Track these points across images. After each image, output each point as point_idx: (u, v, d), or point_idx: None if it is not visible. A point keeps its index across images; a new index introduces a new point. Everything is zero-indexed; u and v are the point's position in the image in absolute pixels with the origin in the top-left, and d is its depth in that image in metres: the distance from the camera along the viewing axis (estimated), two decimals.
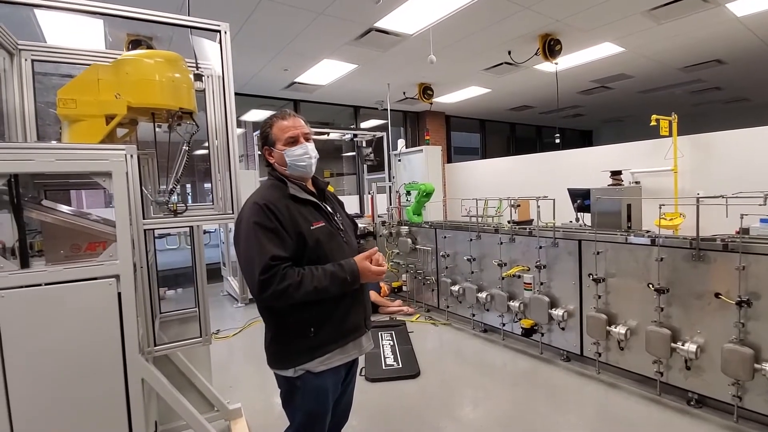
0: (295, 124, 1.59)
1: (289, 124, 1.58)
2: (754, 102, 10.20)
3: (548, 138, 11.93)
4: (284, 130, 1.58)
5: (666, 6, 4.52)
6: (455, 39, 5.25)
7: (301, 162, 1.57)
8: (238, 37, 4.72)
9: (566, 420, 2.64)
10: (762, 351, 2.31)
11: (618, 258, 3.01)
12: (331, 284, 1.43)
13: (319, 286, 1.40)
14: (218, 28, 2.03)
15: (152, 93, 1.86)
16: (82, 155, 1.61)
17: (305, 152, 1.57)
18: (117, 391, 1.66)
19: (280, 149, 1.57)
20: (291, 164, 1.57)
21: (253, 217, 1.43)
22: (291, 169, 1.58)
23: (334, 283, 1.44)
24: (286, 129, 1.58)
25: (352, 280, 1.47)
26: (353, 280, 1.47)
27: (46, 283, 1.54)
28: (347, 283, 1.46)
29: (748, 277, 2.37)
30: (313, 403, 1.53)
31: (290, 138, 1.57)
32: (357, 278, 1.48)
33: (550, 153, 6.98)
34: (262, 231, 1.41)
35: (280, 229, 1.43)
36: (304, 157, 1.57)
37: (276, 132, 1.59)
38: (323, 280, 1.41)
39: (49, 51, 2.14)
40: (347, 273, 1.46)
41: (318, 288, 1.40)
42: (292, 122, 1.59)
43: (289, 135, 1.57)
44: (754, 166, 4.40)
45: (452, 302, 4.53)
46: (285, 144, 1.57)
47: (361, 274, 1.49)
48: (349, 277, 1.46)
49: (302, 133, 1.59)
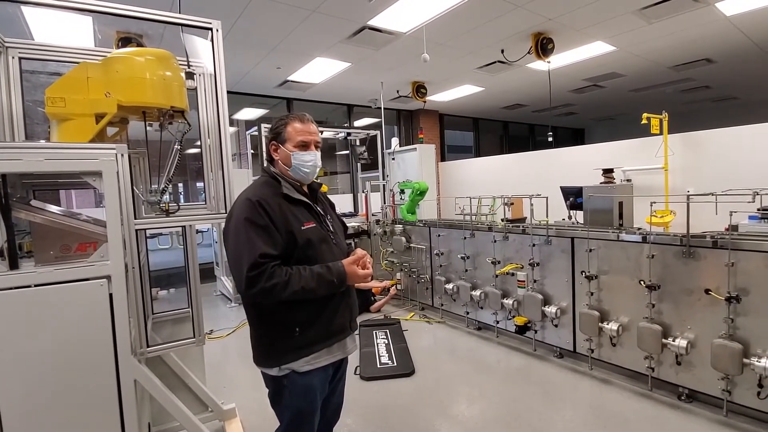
0: (310, 129, 1.61)
1: (305, 128, 1.60)
2: (742, 100, 10.34)
3: (541, 136, 11.98)
4: (299, 133, 1.58)
5: (656, 5, 4.56)
6: (448, 37, 5.25)
7: (305, 168, 1.59)
8: (230, 34, 4.69)
9: (560, 416, 2.66)
10: (750, 346, 2.35)
11: (610, 255, 3.03)
12: (318, 286, 1.44)
13: (306, 286, 1.41)
14: (210, 25, 2.01)
15: (143, 91, 1.84)
16: (71, 154, 1.59)
17: (312, 160, 1.60)
18: (109, 392, 1.64)
19: (289, 149, 1.58)
20: (296, 167, 1.58)
21: (244, 213, 1.44)
22: (294, 171, 1.59)
23: (321, 284, 1.45)
24: (301, 132, 1.59)
25: (339, 282, 1.48)
26: (340, 283, 1.49)
27: (35, 284, 1.52)
28: (334, 285, 1.48)
29: (737, 274, 2.40)
30: (301, 402, 1.53)
31: (302, 142, 1.58)
32: (344, 281, 1.50)
33: (543, 151, 7.02)
34: (253, 227, 1.41)
35: (271, 226, 1.43)
36: (309, 164, 1.59)
37: (290, 131, 1.59)
38: (310, 282, 1.42)
39: (36, 48, 2.11)
40: (334, 276, 1.47)
41: (305, 288, 1.41)
42: (308, 127, 1.61)
43: (302, 139, 1.58)
44: (744, 163, 4.46)
45: (446, 300, 4.54)
46: (296, 146, 1.58)
47: (348, 278, 1.50)
48: (336, 279, 1.47)
49: (314, 140, 1.61)
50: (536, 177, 6.63)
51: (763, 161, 4.31)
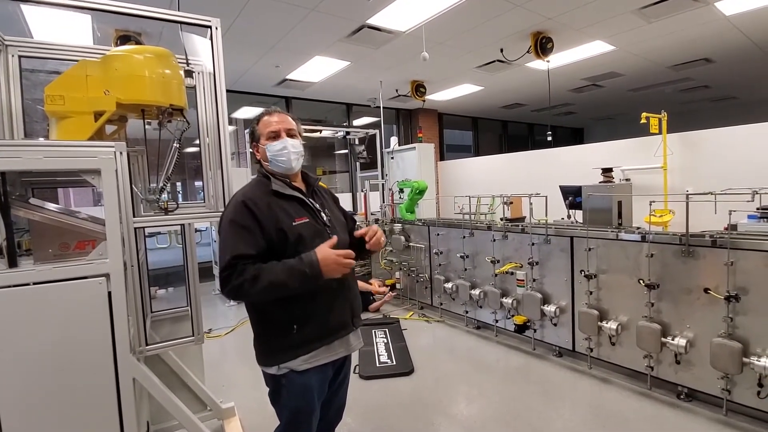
0: (279, 119, 1.60)
1: (273, 119, 1.60)
2: (742, 100, 10.35)
3: (540, 135, 12.00)
4: (267, 125, 1.59)
5: (656, 5, 4.56)
6: (448, 36, 5.25)
7: (280, 157, 1.56)
8: (229, 33, 4.68)
9: (559, 415, 2.66)
10: (750, 345, 2.35)
11: (609, 254, 3.04)
12: (290, 278, 1.36)
13: (275, 280, 1.35)
14: (209, 23, 2.00)
15: (142, 89, 1.83)
16: (70, 152, 1.58)
17: (284, 147, 1.56)
18: (108, 391, 1.64)
19: (262, 144, 1.59)
20: (271, 159, 1.57)
21: (230, 215, 1.46)
22: (272, 164, 1.58)
23: (293, 276, 1.36)
24: (269, 124, 1.59)
25: (312, 272, 1.37)
26: (313, 273, 1.37)
27: (34, 282, 1.52)
28: (307, 276, 1.36)
29: (736, 273, 2.40)
30: (298, 401, 1.53)
31: (271, 133, 1.58)
32: (317, 269, 1.37)
33: (542, 150, 7.02)
34: (234, 229, 1.43)
35: (254, 226, 1.42)
36: (283, 152, 1.56)
37: (260, 127, 1.61)
38: (280, 275, 1.36)
39: (36, 47, 2.10)
40: (305, 266, 1.37)
41: (274, 282, 1.35)
42: (276, 118, 1.60)
43: (270, 129, 1.58)
44: (742, 163, 4.47)
45: (446, 299, 4.54)
46: (267, 139, 1.58)
47: (323, 263, 1.38)
48: (308, 270, 1.36)
49: (284, 128, 1.59)
50: (535, 176, 6.63)
51: (762, 161, 4.32)
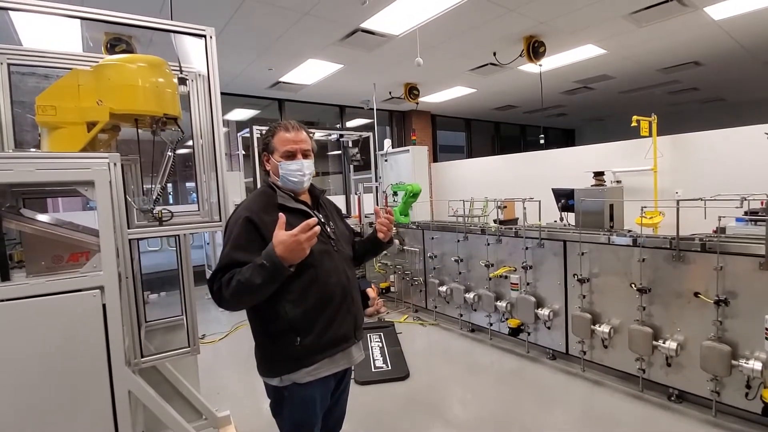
0: (296, 138, 1.57)
1: (291, 137, 1.56)
2: (729, 101, 10.52)
3: (532, 136, 12.07)
4: (284, 142, 1.56)
5: (646, 10, 4.61)
6: (441, 40, 5.26)
7: (293, 177, 1.56)
8: (221, 36, 4.64)
9: (553, 417, 2.69)
10: (739, 348, 2.40)
11: (601, 258, 3.07)
12: (253, 274, 1.31)
13: (242, 278, 1.32)
14: (203, 32, 1.99)
15: (135, 99, 1.82)
16: (63, 164, 1.56)
17: (299, 169, 1.55)
18: (103, 404, 1.62)
19: (276, 160, 1.57)
20: (283, 177, 1.56)
21: (231, 233, 1.47)
22: (283, 181, 1.57)
23: (256, 272, 1.31)
24: (286, 142, 1.56)
25: (271, 262, 1.30)
26: (272, 262, 1.30)
27: (27, 296, 1.50)
28: (266, 267, 1.30)
29: (725, 277, 2.45)
30: (301, 414, 1.52)
31: (288, 152, 1.55)
32: (274, 258, 1.30)
33: (534, 152, 7.07)
34: (232, 245, 1.43)
35: (250, 244, 1.42)
36: (296, 173, 1.55)
37: (276, 142, 1.57)
38: (245, 272, 1.33)
39: (25, 54, 2.07)
40: (263, 257, 1.32)
41: (241, 281, 1.32)
42: (293, 136, 1.57)
43: (287, 148, 1.55)
44: (731, 165, 4.54)
45: (440, 303, 4.56)
46: (282, 156, 1.55)
47: (278, 249, 1.30)
48: (266, 260, 1.30)
49: (301, 149, 1.57)
50: (528, 178, 6.68)
51: (750, 163, 4.39)
